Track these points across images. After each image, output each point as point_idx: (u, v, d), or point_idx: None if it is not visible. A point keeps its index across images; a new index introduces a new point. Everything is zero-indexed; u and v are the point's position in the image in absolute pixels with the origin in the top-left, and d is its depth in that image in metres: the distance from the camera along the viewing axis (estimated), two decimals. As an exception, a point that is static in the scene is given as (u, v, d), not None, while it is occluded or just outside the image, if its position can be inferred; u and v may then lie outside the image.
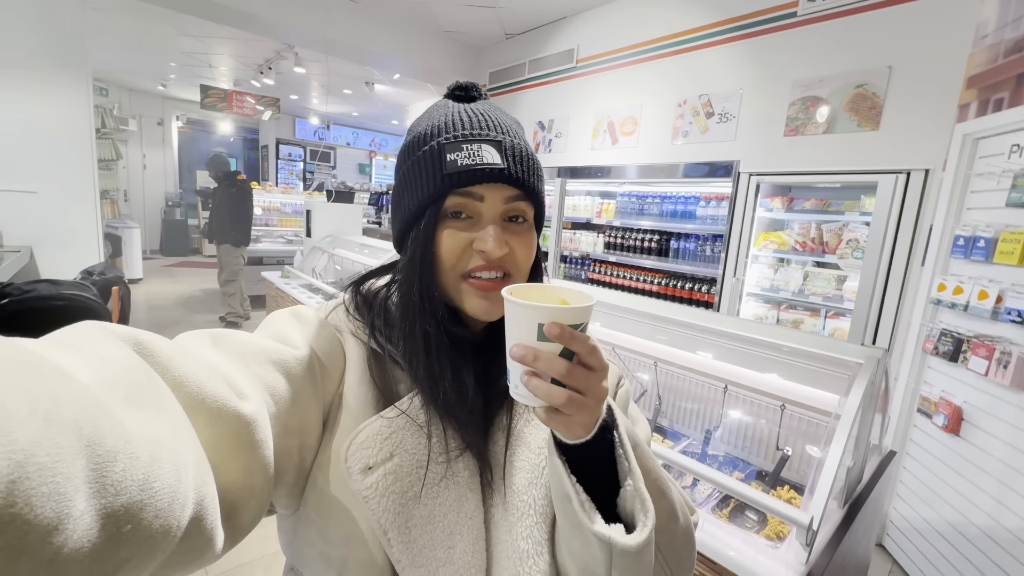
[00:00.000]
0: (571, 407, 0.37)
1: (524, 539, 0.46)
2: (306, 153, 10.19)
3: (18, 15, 2.87)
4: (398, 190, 0.52)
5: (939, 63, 2.22)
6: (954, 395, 1.93)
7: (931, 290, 2.06)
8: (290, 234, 6.50)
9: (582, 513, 0.39)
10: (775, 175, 2.81)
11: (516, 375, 0.39)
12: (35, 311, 2.03)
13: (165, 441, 0.27)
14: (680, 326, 1.41)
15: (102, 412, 0.24)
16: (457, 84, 0.55)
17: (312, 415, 0.46)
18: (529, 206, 0.50)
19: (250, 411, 0.36)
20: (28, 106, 2.98)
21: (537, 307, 0.37)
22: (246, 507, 0.36)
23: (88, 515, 0.21)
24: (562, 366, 0.36)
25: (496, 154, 0.47)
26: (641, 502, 0.40)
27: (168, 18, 4.59)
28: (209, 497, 0.30)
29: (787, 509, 0.95)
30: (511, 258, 0.48)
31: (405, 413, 0.47)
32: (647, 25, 3.50)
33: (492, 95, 4.85)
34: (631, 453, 0.41)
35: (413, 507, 0.44)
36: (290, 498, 0.46)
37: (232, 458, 0.35)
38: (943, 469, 1.96)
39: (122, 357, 0.29)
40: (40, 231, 3.12)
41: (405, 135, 0.53)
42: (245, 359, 0.41)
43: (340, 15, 4.10)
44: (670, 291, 3.40)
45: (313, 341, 0.48)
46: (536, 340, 0.37)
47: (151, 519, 0.24)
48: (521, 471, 0.49)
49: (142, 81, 7.85)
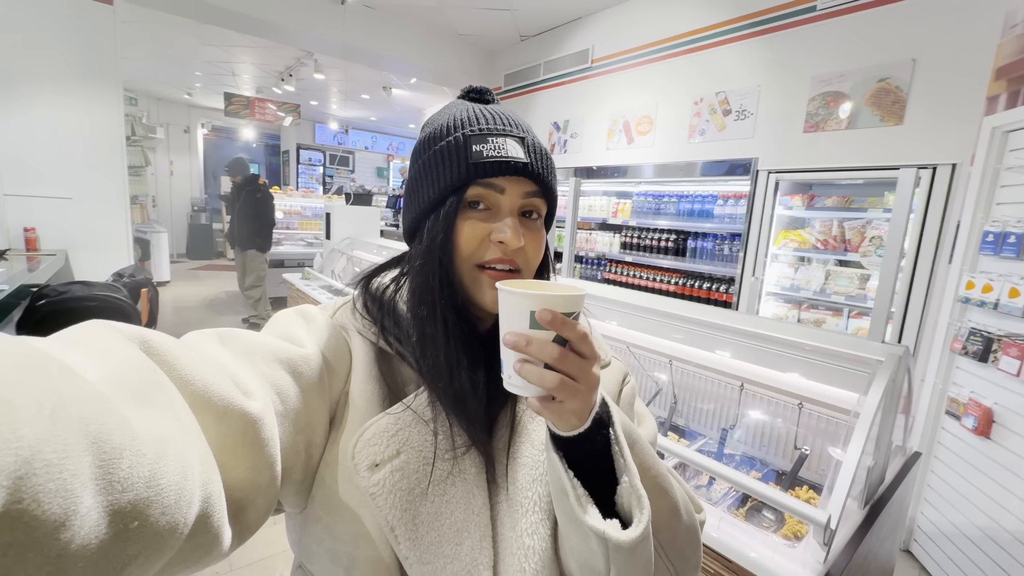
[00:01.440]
0: (563, 392, 0.37)
1: (529, 535, 0.46)
2: (325, 158, 10.37)
3: (55, 31, 3.01)
4: (415, 180, 0.52)
5: (965, 55, 2.16)
6: (984, 396, 1.87)
7: (959, 288, 2.00)
8: (310, 237, 6.64)
9: (578, 508, 0.39)
10: (795, 172, 2.76)
11: (509, 364, 0.39)
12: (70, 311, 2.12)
13: (171, 439, 0.27)
14: (695, 324, 1.40)
15: (108, 410, 0.24)
16: (471, 88, 0.56)
17: (319, 413, 0.46)
18: (543, 203, 0.51)
19: (256, 409, 0.36)
20: (64, 116, 3.12)
21: (529, 295, 0.38)
22: (253, 505, 0.37)
23: (95, 511, 0.21)
24: (554, 351, 0.37)
25: (520, 149, 0.48)
26: (637, 499, 0.40)
27: (193, 29, 4.74)
28: (216, 495, 0.30)
29: (804, 507, 0.94)
30: (522, 253, 0.49)
31: (411, 408, 0.47)
32: (662, 24, 3.47)
33: (508, 96, 4.92)
34: (627, 449, 0.42)
35: (420, 504, 0.45)
36: (298, 496, 0.46)
37: (239, 456, 0.35)
38: (973, 473, 1.90)
39: (129, 356, 0.29)
40: (74, 235, 3.25)
41: (421, 131, 0.54)
42: (251, 357, 0.42)
43: (358, 21, 4.18)
44: (688, 291, 3.36)
45: (319, 339, 0.49)
46: (529, 328, 0.38)
47: (158, 516, 0.25)
48: (525, 467, 0.49)
49: (169, 90, 8.11)
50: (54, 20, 3.00)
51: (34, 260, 2.79)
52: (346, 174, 10.64)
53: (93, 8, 3.11)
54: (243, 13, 3.67)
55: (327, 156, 10.39)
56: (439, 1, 4.01)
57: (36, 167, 3.06)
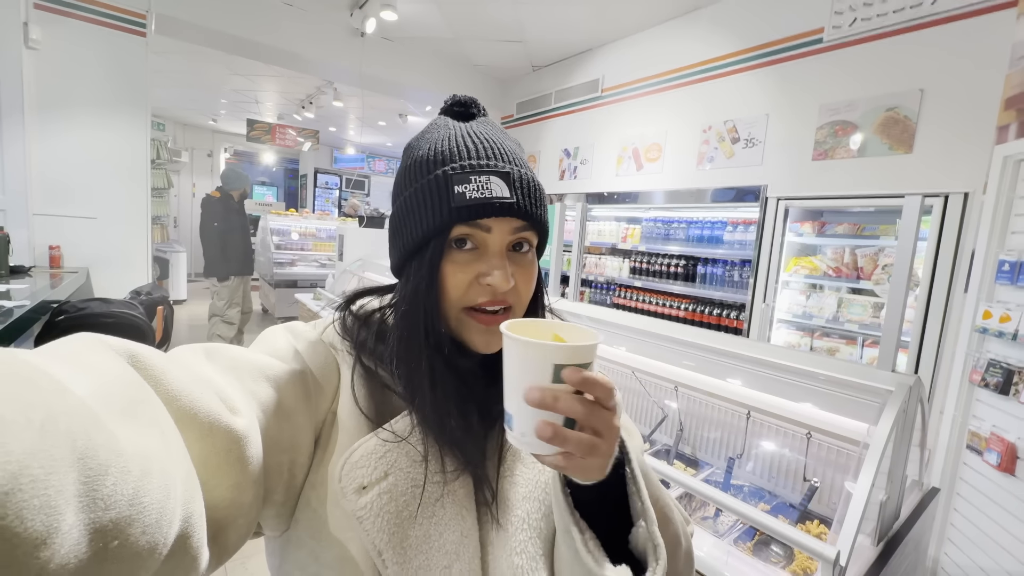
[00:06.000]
0: (590, 450, 0.35)
1: (518, 554, 0.45)
2: (342, 181, 10.64)
3: (91, 61, 3.18)
4: (399, 216, 0.49)
5: (974, 85, 2.17)
6: (1007, 431, 1.80)
7: (976, 318, 1.95)
8: (324, 258, 6.75)
9: (586, 555, 0.38)
10: (804, 199, 2.76)
11: (528, 422, 0.35)
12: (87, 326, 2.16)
13: (156, 456, 0.26)
14: (701, 350, 1.38)
15: (96, 425, 0.23)
16: (455, 99, 0.53)
17: (304, 432, 0.44)
18: (534, 235, 0.49)
19: (242, 426, 0.35)
20: (94, 141, 3.26)
21: (553, 347, 0.34)
22: (234, 525, 0.35)
23: (76, 529, 0.21)
24: (583, 407, 0.34)
25: (505, 187, 0.46)
26: (653, 547, 0.39)
27: (221, 59, 4.97)
28: (196, 514, 0.30)
29: (811, 541, 0.90)
30: (513, 291, 0.47)
31: (406, 440, 0.45)
32: (670, 55, 3.55)
33: (520, 124, 5.03)
34: (644, 490, 0.41)
35: (409, 527, 0.43)
36: (279, 518, 0.44)
37: (222, 474, 0.34)
38: (998, 512, 1.81)
39: (117, 370, 0.29)
40: (97, 253, 3.35)
41: (403, 154, 0.52)
42: (238, 373, 0.41)
43: (376, 53, 4.35)
44: (698, 317, 3.33)
45: (308, 357, 0.47)
46: (551, 381, 0.34)
47: (138, 535, 0.24)
48: (515, 486, 0.49)
49: (196, 116, 8.46)
50: (90, 51, 3.18)
51: (57, 277, 2.88)
52: (361, 197, 10.88)
53: (127, 40, 3.29)
54: (269, 45, 3.86)
55: (343, 180, 10.65)
56: (455, 33, 4.16)
57: (65, 188, 3.19)
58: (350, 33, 4.17)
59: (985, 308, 1.90)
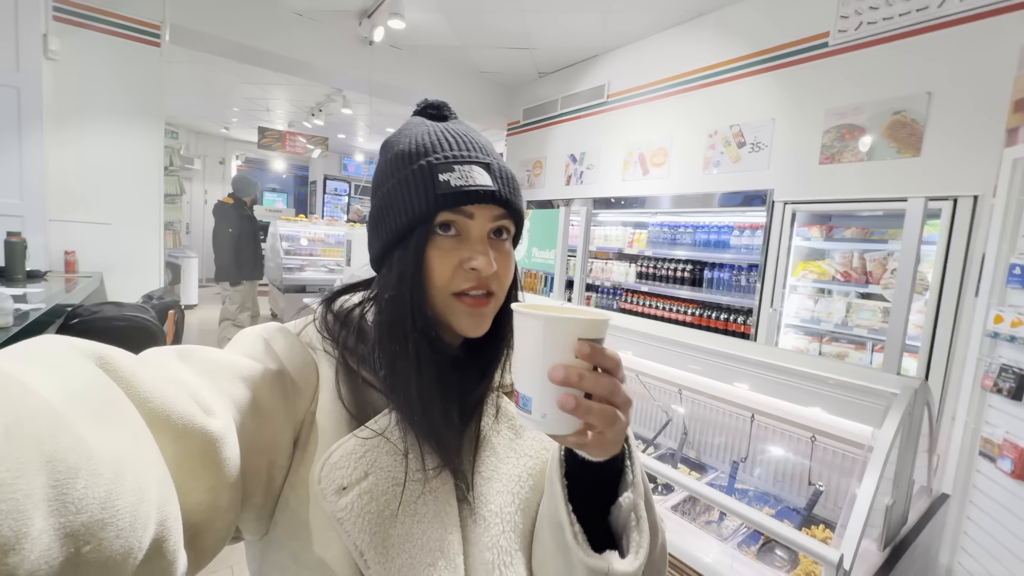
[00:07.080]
0: (613, 424, 0.36)
1: (489, 549, 0.46)
2: (351, 188, 10.75)
3: (106, 71, 3.27)
4: (381, 207, 0.49)
5: (982, 88, 2.15)
6: (1020, 437, 1.77)
7: (987, 322, 1.92)
8: (332, 263, 6.81)
9: (575, 546, 0.39)
10: (811, 203, 2.75)
11: (549, 401, 0.34)
12: (100, 329, 2.21)
13: (128, 458, 0.26)
14: (704, 353, 1.38)
15: (64, 428, 0.23)
16: (428, 103, 0.54)
17: (282, 433, 0.44)
18: (512, 223, 0.51)
19: (217, 428, 0.35)
20: (109, 149, 3.34)
21: (576, 321, 0.34)
22: (211, 529, 0.35)
23: (47, 534, 0.20)
24: (610, 383, 0.35)
25: (487, 176, 0.47)
26: (636, 520, 0.40)
27: (233, 68, 5.07)
28: (172, 517, 0.29)
29: (814, 544, 0.90)
30: (495, 277, 0.48)
31: (383, 435, 0.45)
32: (676, 60, 3.57)
33: (526, 130, 5.06)
34: (639, 465, 0.42)
35: (390, 527, 0.43)
36: (258, 521, 0.44)
37: (198, 477, 0.33)
38: (1013, 521, 1.77)
39: (85, 372, 0.28)
40: (110, 258, 3.42)
41: (380, 152, 0.53)
42: (213, 375, 0.40)
43: (385, 61, 4.42)
44: (705, 321, 3.31)
45: (285, 357, 0.47)
46: (573, 358, 0.34)
47: (112, 539, 0.23)
48: (489, 480, 0.49)
49: (208, 124, 8.61)
50: (106, 61, 3.26)
51: (72, 281, 2.94)
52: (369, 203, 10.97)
53: (142, 50, 3.37)
54: (280, 54, 3.93)
55: (352, 186, 10.76)
56: (463, 41, 4.21)
57: (80, 195, 3.27)
58: (359, 42, 4.23)
59: (996, 312, 1.87)
